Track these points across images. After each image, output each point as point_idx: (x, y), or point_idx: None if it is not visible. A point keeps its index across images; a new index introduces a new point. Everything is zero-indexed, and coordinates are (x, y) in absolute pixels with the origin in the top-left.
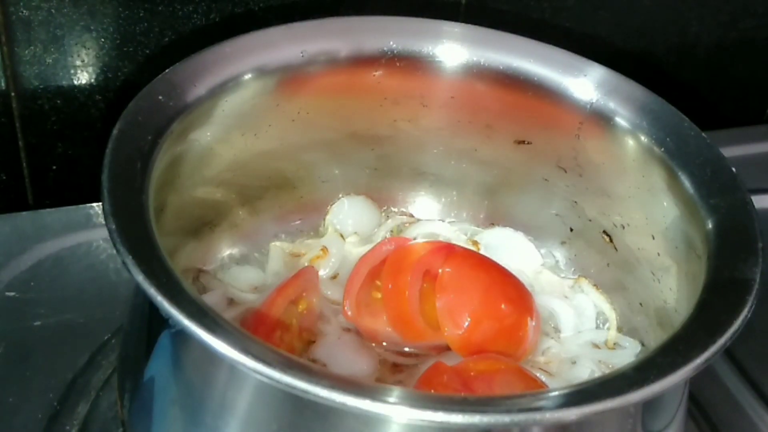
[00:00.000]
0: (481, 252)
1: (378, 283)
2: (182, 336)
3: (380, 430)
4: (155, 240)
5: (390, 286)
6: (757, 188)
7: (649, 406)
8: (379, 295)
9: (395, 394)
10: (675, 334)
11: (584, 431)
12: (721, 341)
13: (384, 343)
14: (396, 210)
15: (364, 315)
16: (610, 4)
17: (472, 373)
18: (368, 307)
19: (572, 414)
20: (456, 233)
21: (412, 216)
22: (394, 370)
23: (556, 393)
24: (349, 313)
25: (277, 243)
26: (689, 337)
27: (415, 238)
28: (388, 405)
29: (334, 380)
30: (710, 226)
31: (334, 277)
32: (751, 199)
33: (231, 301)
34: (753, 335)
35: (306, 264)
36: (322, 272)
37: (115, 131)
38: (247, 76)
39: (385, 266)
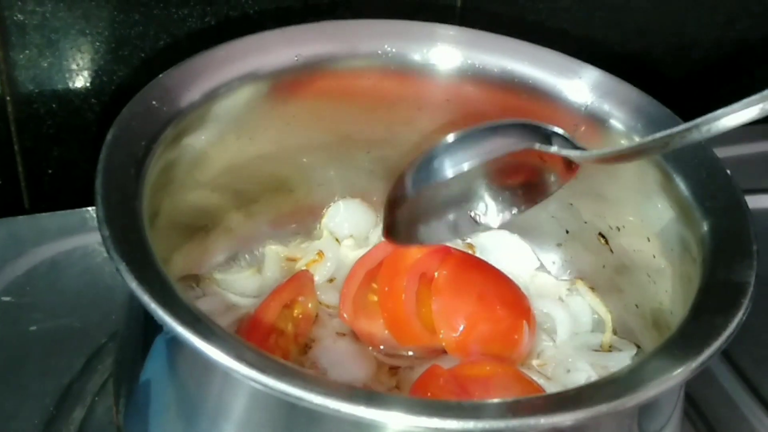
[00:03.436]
0: (477, 255)
1: (374, 286)
2: (177, 342)
3: None
4: (149, 246)
5: (386, 289)
6: (752, 188)
7: (645, 408)
8: (375, 298)
9: (390, 400)
10: (670, 337)
11: None
12: (716, 344)
13: (381, 347)
14: None
15: (360, 318)
16: (606, 5)
17: (468, 377)
18: (365, 310)
19: (568, 419)
20: None
21: None
22: (391, 373)
23: (552, 398)
24: (346, 315)
25: (273, 247)
26: (685, 341)
27: None
28: (382, 411)
29: (328, 387)
30: (705, 228)
31: (330, 281)
32: (746, 201)
33: (228, 306)
34: (749, 336)
35: (302, 268)
36: (318, 276)
37: (108, 137)
38: (242, 80)
39: (382, 269)
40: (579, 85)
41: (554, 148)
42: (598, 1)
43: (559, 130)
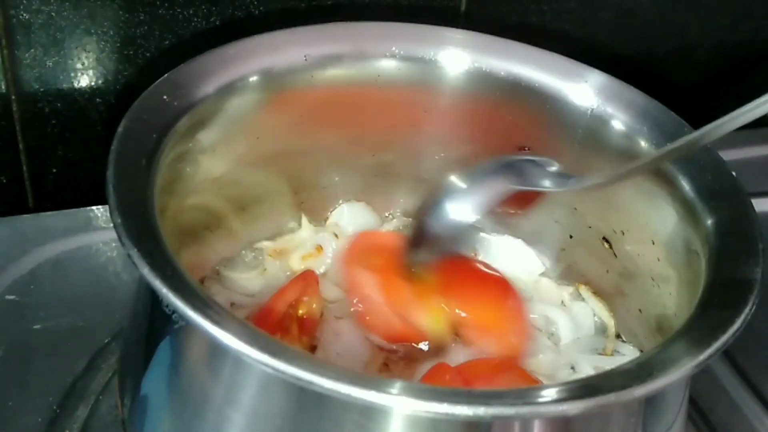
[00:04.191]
0: (481, 259)
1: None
2: (184, 333)
3: (385, 421)
4: (160, 234)
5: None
6: (757, 191)
7: (650, 407)
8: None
9: (400, 385)
10: (678, 331)
11: (586, 430)
12: (724, 338)
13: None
14: (396, 212)
15: (359, 268)
16: (610, 7)
17: (473, 374)
18: (365, 264)
19: (576, 407)
20: None
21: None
22: (397, 367)
23: (560, 387)
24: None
25: (266, 243)
26: (692, 334)
27: None
28: (392, 396)
29: (338, 371)
30: (710, 227)
31: (324, 274)
32: (751, 202)
33: (233, 305)
34: (753, 338)
35: (299, 262)
36: (317, 270)
37: (120, 129)
38: (251, 79)
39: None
40: (584, 89)
41: (546, 184)
42: (601, 4)
43: (547, 164)
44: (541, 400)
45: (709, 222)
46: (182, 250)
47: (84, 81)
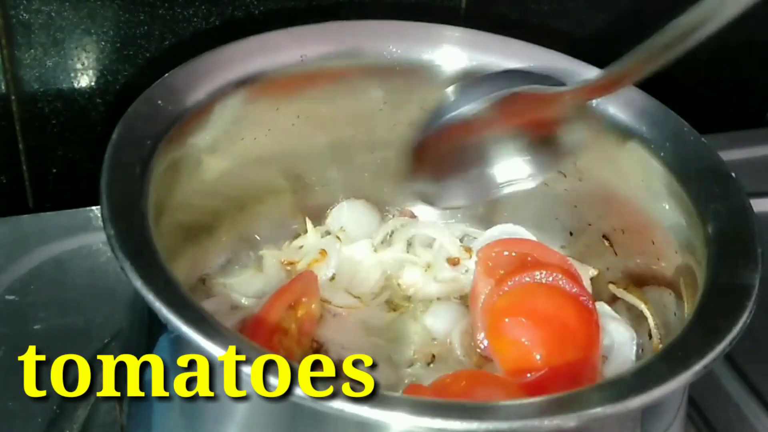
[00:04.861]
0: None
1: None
2: (181, 340)
3: None
4: (154, 245)
5: None
6: (757, 191)
7: (648, 411)
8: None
9: (393, 400)
10: (674, 339)
11: None
12: (720, 347)
13: None
14: (397, 209)
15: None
16: (610, 7)
17: (450, 392)
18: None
19: (571, 420)
20: (451, 236)
21: (413, 215)
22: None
23: (555, 399)
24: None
25: (270, 251)
26: (688, 343)
27: (412, 237)
28: (386, 411)
29: (332, 386)
30: (710, 231)
31: (331, 279)
32: (750, 204)
33: (233, 307)
34: (753, 340)
35: (305, 268)
36: (321, 275)
37: (114, 136)
38: (247, 80)
39: None
40: None
41: (541, 87)
42: (602, 3)
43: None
44: (535, 413)
45: (709, 223)
46: (182, 251)
47: (84, 81)
